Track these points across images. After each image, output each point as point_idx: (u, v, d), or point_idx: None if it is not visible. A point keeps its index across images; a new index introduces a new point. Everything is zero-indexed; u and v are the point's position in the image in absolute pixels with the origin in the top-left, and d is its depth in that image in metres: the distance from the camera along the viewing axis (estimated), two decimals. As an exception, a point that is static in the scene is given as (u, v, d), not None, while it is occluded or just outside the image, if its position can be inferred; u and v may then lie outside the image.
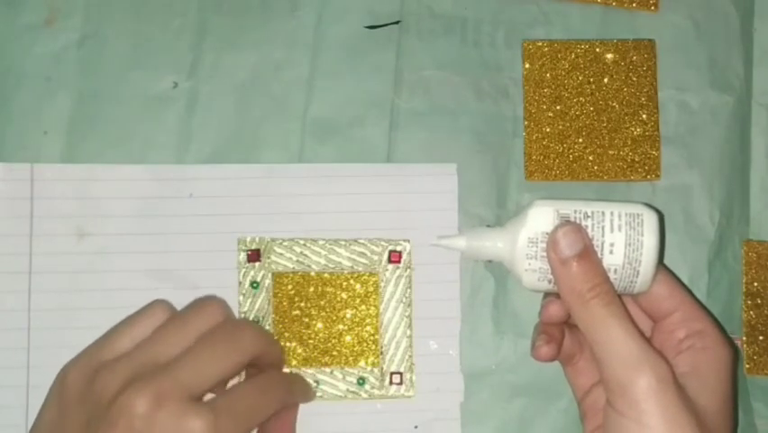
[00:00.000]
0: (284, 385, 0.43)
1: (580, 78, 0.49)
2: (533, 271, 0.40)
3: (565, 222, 0.39)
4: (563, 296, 0.39)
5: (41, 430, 0.39)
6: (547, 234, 0.39)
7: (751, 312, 0.49)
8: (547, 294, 0.43)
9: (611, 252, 0.39)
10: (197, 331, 0.40)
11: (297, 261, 0.47)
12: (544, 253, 0.39)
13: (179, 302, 0.46)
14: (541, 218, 0.39)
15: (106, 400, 0.37)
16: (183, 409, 0.36)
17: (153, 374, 0.37)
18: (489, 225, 0.42)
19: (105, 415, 0.36)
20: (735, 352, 0.40)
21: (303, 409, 0.46)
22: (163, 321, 0.41)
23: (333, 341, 0.47)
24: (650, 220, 0.39)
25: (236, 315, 0.47)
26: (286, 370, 0.46)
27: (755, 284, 0.49)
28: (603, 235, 0.39)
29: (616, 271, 0.39)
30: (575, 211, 0.39)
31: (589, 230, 0.39)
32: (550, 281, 0.40)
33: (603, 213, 0.39)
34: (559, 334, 0.42)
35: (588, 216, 0.39)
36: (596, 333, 0.38)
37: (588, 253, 0.38)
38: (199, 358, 0.39)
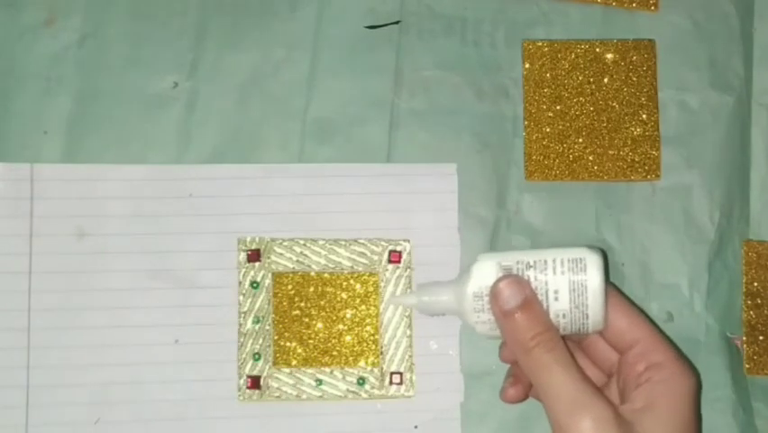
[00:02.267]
0: None
1: (581, 78, 0.49)
2: (482, 323, 0.41)
3: (506, 274, 0.40)
4: (509, 345, 0.40)
5: None
6: (490, 287, 0.40)
7: (751, 312, 0.49)
8: None
9: (556, 298, 0.39)
10: None
11: (297, 261, 0.47)
12: (490, 306, 0.40)
13: (179, 302, 0.46)
14: (484, 272, 0.40)
15: None
16: None
17: None
18: (439, 282, 0.43)
19: None
20: (697, 382, 0.40)
21: (303, 409, 0.46)
22: None
23: (333, 341, 0.47)
24: (592, 263, 0.39)
25: (236, 315, 0.47)
26: (285, 371, 0.46)
27: (755, 284, 0.49)
28: (547, 284, 0.39)
29: (564, 315, 0.39)
30: (517, 262, 0.40)
31: (532, 280, 0.39)
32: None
33: (546, 261, 0.39)
34: (525, 375, 0.42)
35: (530, 266, 0.39)
36: (539, 378, 0.38)
37: (528, 304, 0.39)
38: None
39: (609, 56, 0.50)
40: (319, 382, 0.47)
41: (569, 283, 0.39)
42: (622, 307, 0.41)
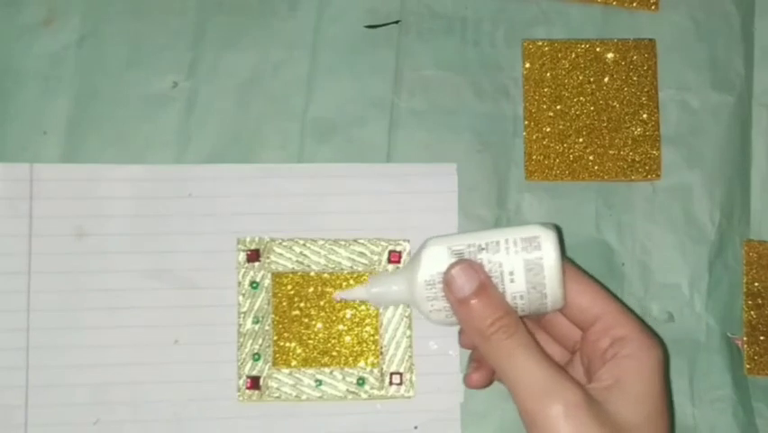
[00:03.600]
0: None
1: (581, 77, 0.49)
2: (437, 311, 0.39)
3: (458, 260, 0.38)
4: (467, 334, 0.39)
5: None
6: (443, 273, 0.38)
7: (751, 312, 0.49)
8: None
9: (512, 280, 0.38)
10: None
11: (297, 261, 0.47)
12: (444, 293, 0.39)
13: (179, 302, 0.46)
14: (435, 258, 0.39)
15: None
16: None
17: None
18: (390, 271, 0.41)
19: None
20: (663, 354, 0.39)
21: (303, 409, 0.46)
22: None
23: (333, 341, 0.47)
24: (547, 240, 0.38)
25: (235, 315, 0.47)
26: (285, 371, 0.46)
27: (756, 284, 0.49)
28: (501, 266, 0.38)
29: (522, 297, 0.38)
30: (469, 246, 0.38)
31: (485, 262, 0.38)
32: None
33: (498, 242, 0.38)
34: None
35: (482, 249, 0.38)
36: (502, 366, 0.37)
37: (484, 289, 0.38)
38: None
39: (610, 56, 0.50)
40: (319, 382, 0.47)
41: (524, 263, 0.38)
42: (581, 282, 0.40)
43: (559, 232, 0.39)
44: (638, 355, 0.38)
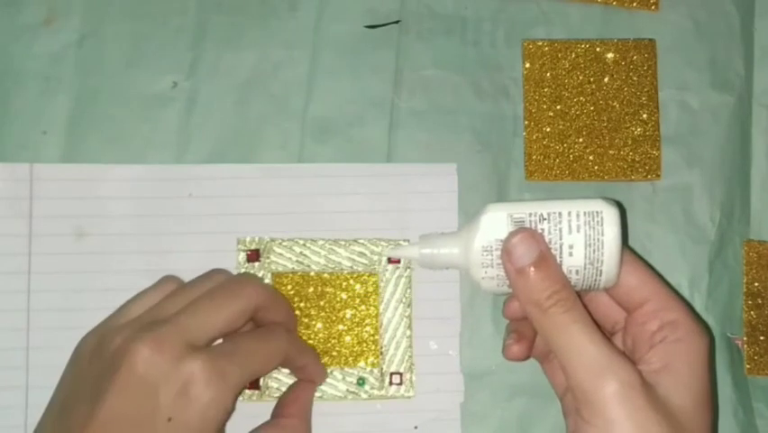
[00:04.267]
0: (285, 337, 0.43)
1: (581, 77, 0.49)
2: (490, 278, 0.38)
3: (519, 229, 0.37)
4: (522, 304, 0.38)
5: (59, 392, 0.40)
6: (501, 241, 0.37)
7: (752, 312, 0.49)
8: None
9: (570, 254, 0.37)
10: (201, 291, 0.41)
11: (297, 261, 0.47)
12: (500, 261, 0.38)
13: (179, 302, 0.46)
14: (494, 225, 0.38)
15: (112, 352, 0.38)
16: (182, 353, 0.38)
17: (154, 325, 0.39)
18: (444, 233, 0.40)
19: (110, 365, 0.38)
20: (711, 341, 0.38)
21: (303, 409, 0.46)
22: (173, 290, 0.42)
23: (333, 341, 0.47)
24: (610, 217, 0.37)
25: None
26: (285, 371, 0.46)
27: (756, 284, 0.49)
28: (561, 238, 0.37)
29: (578, 272, 0.37)
30: (530, 214, 0.37)
31: (545, 233, 0.37)
32: (509, 286, 0.38)
33: (560, 214, 0.37)
34: (529, 331, 0.41)
35: (544, 219, 0.37)
36: (557, 341, 0.37)
37: (544, 260, 0.37)
38: (198, 308, 0.40)
39: (610, 55, 0.50)
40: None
41: (585, 238, 0.37)
42: (632, 263, 0.39)
43: (621, 209, 0.38)
44: (688, 341, 0.38)
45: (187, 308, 0.40)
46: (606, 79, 0.49)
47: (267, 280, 0.47)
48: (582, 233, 0.37)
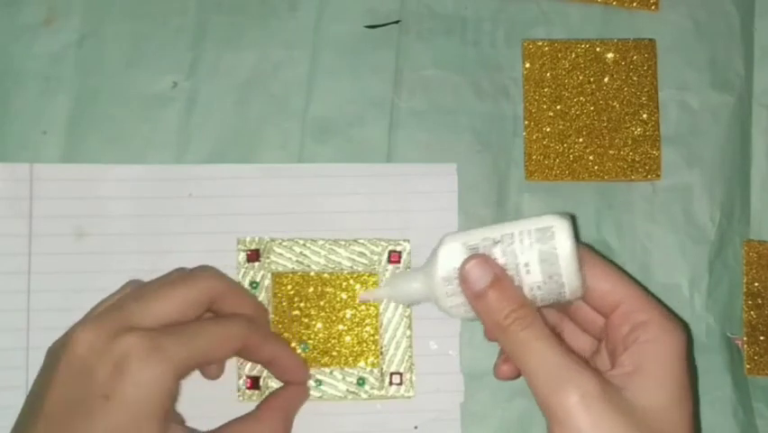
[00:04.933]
0: (244, 325, 0.42)
1: (581, 77, 0.49)
2: (457, 306, 0.40)
3: (472, 255, 0.39)
4: (485, 327, 0.39)
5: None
6: (458, 269, 0.39)
7: (752, 312, 0.49)
8: None
9: (528, 271, 0.38)
10: (154, 284, 0.42)
11: (297, 261, 0.47)
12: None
13: (179, 302, 0.46)
14: (451, 255, 0.39)
15: (61, 342, 0.39)
16: (119, 332, 0.38)
17: (100, 313, 0.39)
18: (410, 269, 0.43)
19: (56, 355, 0.38)
20: (687, 338, 0.38)
21: (303, 409, 0.46)
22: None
23: (333, 341, 0.47)
24: (561, 231, 0.38)
25: (236, 315, 0.47)
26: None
27: (756, 284, 0.49)
28: (516, 258, 0.38)
29: (539, 288, 0.38)
30: (483, 240, 0.39)
31: (499, 256, 0.38)
32: None
33: (512, 234, 0.38)
34: None
35: (497, 242, 0.38)
36: (519, 359, 0.37)
37: (498, 282, 0.38)
38: (143, 294, 0.40)
39: (610, 56, 0.50)
40: (319, 382, 0.46)
41: (538, 254, 0.38)
42: (601, 268, 0.40)
43: (573, 220, 0.39)
44: (659, 340, 0.38)
45: (133, 293, 0.41)
46: (606, 79, 0.49)
47: (267, 281, 0.47)
48: (535, 250, 0.38)
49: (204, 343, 0.40)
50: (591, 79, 0.49)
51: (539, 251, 0.38)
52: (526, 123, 0.49)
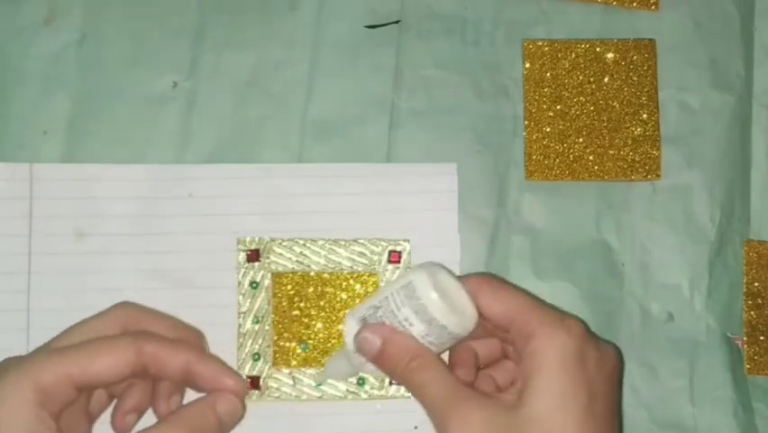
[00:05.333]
0: (134, 338, 0.40)
1: (581, 77, 0.49)
2: (376, 370, 0.42)
3: (361, 327, 0.41)
4: (391, 378, 0.42)
5: None
6: None
7: (752, 312, 0.49)
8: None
9: (411, 324, 0.40)
10: None
11: (297, 261, 0.47)
12: None
13: (179, 302, 0.46)
14: (350, 330, 0.42)
15: None
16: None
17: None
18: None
19: None
20: (574, 340, 0.38)
21: (303, 409, 0.46)
22: None
23: (333, 341, 0.47)
24: (420, 283, 0.39)
25: (235, 315, 0.47)
26: (285, 371, 0.46)
27: (756, 284, 0.49)
28: (396, 316, 0.40)
29: (427, 334, 0.40)
30: (368, 309, 0.41)
31: (385, 319, 0.41)
32: None
33: (387, 298, 0.41)
34: (470, 357, 0.42)
35: (378, 308, 0.41)
36: (418, 397, 0.40)
37: (388, 342, 0.40)
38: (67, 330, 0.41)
39: (610, 55, 0.50)
40: (319, 382, 0.46)
41: (411, 308, 0.40)
42: (491, 293, 0.40)
43: (438, 267, 0.41)
44: (542, 348, 0.38)
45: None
46: (606, 79, 0.49)
47: (267, 281, 0.47)
48: (407, 306, 0.40)
49: (78, 357, 0.38)
50: (591, 79, 0.49)
51: (410, 306, 0.40)
52: (526, 123, 0.49)
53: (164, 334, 0.41)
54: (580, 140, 0.49)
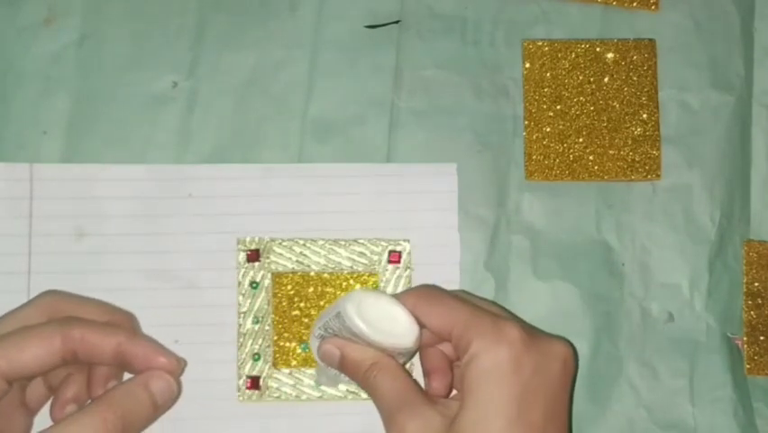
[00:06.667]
0: (61, 323, 0.39)
1: (581, 77, 0.49)
2: (349, 380, 0.42)
3: (320, 343, 0.42)
4: (358, 385, 0.42)
5: None
6: None
7: (752, 312, 0.49)
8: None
9: (358, 339, 0.40)
10: None
11: (297, 261, 0.47)
12: None
13: (179, 302, 0.46)
14: (314, 345, 0.43)
15: None
16: None
17: None
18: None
19: None
20: (515, 348, 0.37)
21: (303, 409, 0.46)
22: None
23: (333, 341, 0.47)
24: (347, 314, 0.40)
25: (235, 315, 0.47)
26: (285, 371, 0.46)
27: (756, 284, 0.49)
28: (344, 334, 0.41)
29: (377, 347, 0.40)
30: (321, 326, 0.42)
31: (337, 332, 0.41)
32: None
33: (328, 322, 0.41)
34: (444, 365, 0.42)
35: (328, 327, 0.42)
36: (373, 398, 0.40)
37: (345, 355, 0.41)
38: None
39: (610, 55, 0.50)
40: (318, 383, 0.46)
41: (350, 333, 0.40)
42: (431, 307, 0.40)
43: (369, 293, 0.41)
44: (474, 362, 0.37)
45: None
46: (606, 79, 0.49)
47: (267, 281, 0.47)
48: (345, 330, 0.40)
49: (3, 348, 0.37)
50: (591, 79, 0.49)
51: (347, 331, 0.40)
52: (526, 123, 0.49)
53: (94, 318, 0.40)
54: (580, 140, 0.49)
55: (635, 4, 0.50)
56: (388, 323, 0.40)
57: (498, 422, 0.36)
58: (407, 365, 0.46)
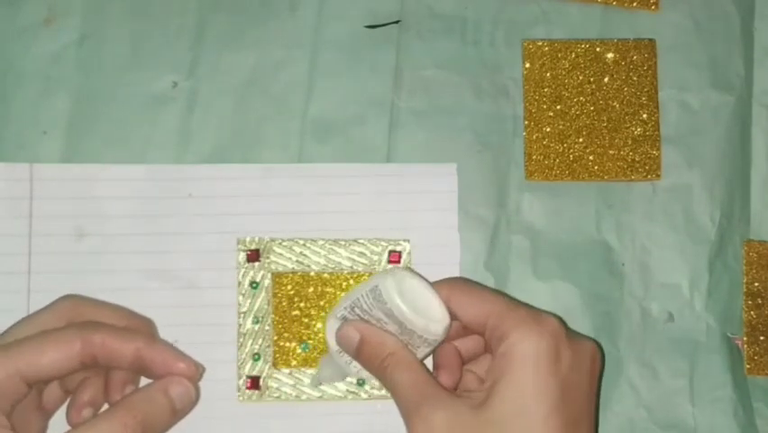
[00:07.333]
0: (80, 328, 0.39)
1: (581, 77, 0.49)
2: (360, 369, 0.42)
3: (340, 325, 0.41)
4: (369, 372, 0.41)
5: None
6: None
7: (752, 312, 0.49)
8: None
9: (386, 323, 0.40)
10: None
11: (297, 261, 0.47)
12: None
13: (179, 302, 0.46)
14: (331, 329, 0.42)
15: None
16: None
17: None
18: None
19: None
20: (548, 338, 0.37)
21: (303, 409, 0.46)
22: None
23: (333, 341, 0.47)
24: (385, 289, 0.39)
25: (235, 315, 0.47)
26: (285, 371, 0.46)
27: (756, 284, 0.49)
28: (371, 316, 0.40)
29: (402, 333, 0.40)
30: (344, 308, 0.41)
31: (362, 316, 0.41)
32: None
33: (359, 299, 0.41)
34: (455, 361, 0.42)
35: (354, 307, 0.41)
36: (391, 392, 0.40)
37: (366, 340, 0.40)
38: (14, 326, 0.40)
39: (610, 55, 0.50)
40: (314, 385, 0.46)
41: (382, 311, 0.40)
42: (466, 296, 0.40)
43: (408, 271, 0.41)
44: (511, 351, 0.37)
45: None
46: (606, 79, 0.49)
47: (267, 281, 0.47)
48: (377, 308, 0.40)
49: (25, 352, 0.38)
50: (591, 79, 0.49)
51: (380, 309, 0.40)
52: (526, 123, 0.49)
53: (112, 323, 0.41)
54: (580, 140, 0.49)
55: (635, 4, 0.50)
56: (423, 306, 0.39)
57: (540, 410, 0.36)
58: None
